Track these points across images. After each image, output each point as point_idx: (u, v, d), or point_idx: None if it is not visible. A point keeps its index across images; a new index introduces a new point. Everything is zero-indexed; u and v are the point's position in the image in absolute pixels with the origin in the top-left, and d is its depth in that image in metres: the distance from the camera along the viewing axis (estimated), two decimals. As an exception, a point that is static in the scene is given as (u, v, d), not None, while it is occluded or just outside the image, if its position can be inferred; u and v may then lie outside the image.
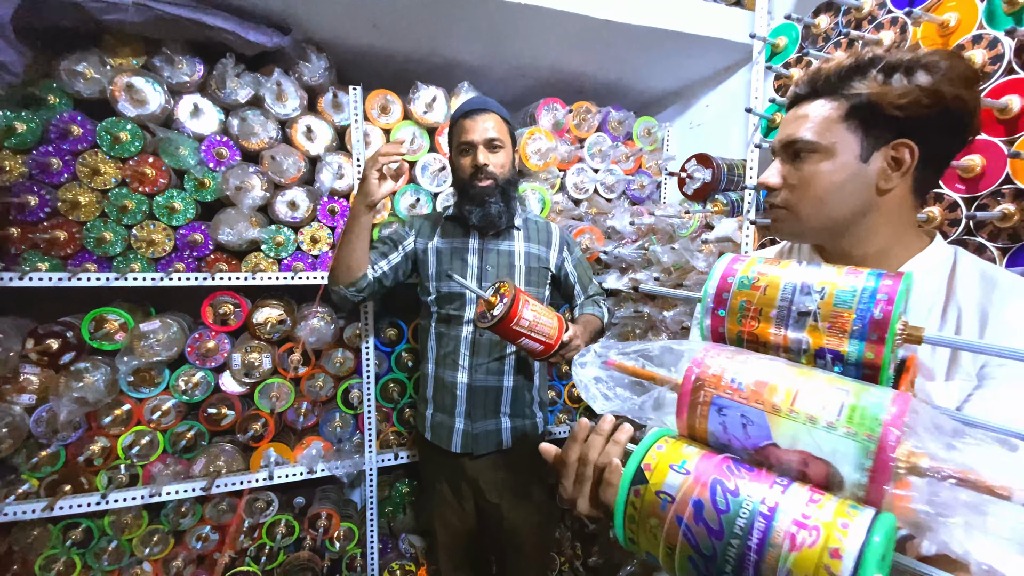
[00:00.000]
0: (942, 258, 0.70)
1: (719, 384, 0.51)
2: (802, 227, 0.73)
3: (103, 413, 1.46)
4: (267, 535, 1.70)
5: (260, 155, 1.53)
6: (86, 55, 1.36)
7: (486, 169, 1.31)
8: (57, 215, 1.37)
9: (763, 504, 0.43)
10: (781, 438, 0.47)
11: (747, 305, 0.56)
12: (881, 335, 0.48)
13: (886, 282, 0.50)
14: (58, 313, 1.47)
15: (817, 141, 0.69)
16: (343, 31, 1.56)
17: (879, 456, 0.42)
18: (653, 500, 0.49)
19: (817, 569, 0.39)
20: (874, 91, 0.65)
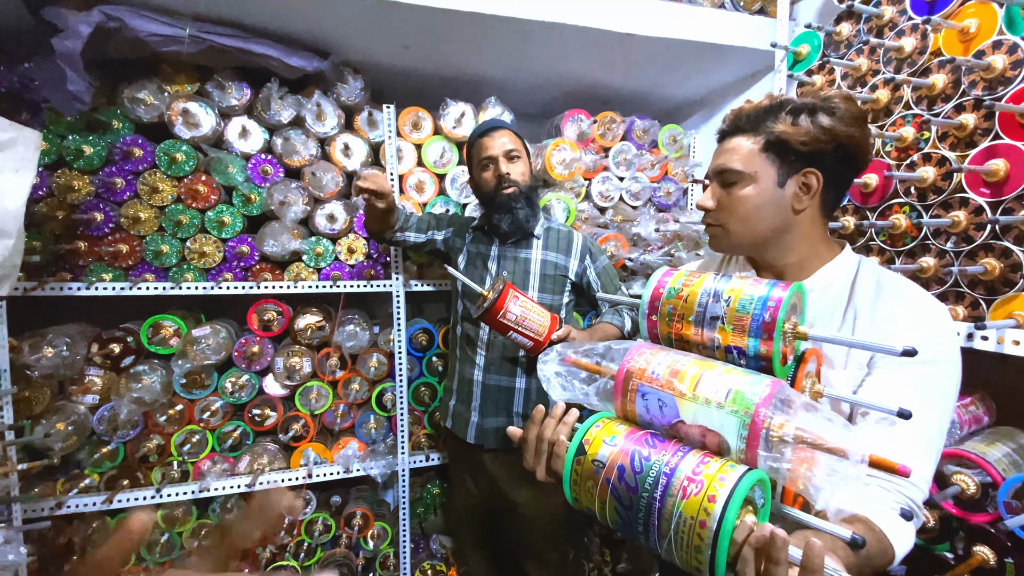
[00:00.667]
0: (847, 266, 0.82)
1: (643, 375, 0.64)
2: (733, 242, 0.85)
3: (158, 413, 1.57)
4: (305, 532, 1.78)
5: (301, 171, 1.63)
6: (146, 83, 1.48)
7: (508, 177, 1.40)
8: (120, 230, 1.49)
9: (666, 466, 0.56)
10: (686, 416, 0.60)
11: (673, 311, 0.69)
12: (770, 334, 0.61)
13: (776, 292, 0.63)
14: (119, 320, 1.60)
15: (742, 170, 0.80)
16: (377, 53, 1.65)
17: (752, 428, 0.55)
18: (590, 467, 0.61)
19: (699, 511, 0.51)
20: (783, 130, 0.77)
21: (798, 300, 0.67)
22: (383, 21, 1.44)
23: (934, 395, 0.72)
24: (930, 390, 0.72)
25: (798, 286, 0.65)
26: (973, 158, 1.00)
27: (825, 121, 0.76)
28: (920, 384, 0.72)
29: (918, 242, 1.10)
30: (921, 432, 0.71)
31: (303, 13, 1.39)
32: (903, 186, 1.12)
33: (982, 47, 1.01)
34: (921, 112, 1.11)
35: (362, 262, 1.71)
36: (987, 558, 0.99)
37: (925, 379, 0.72)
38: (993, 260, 0.98)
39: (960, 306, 1.03)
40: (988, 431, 1.10)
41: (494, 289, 1.15)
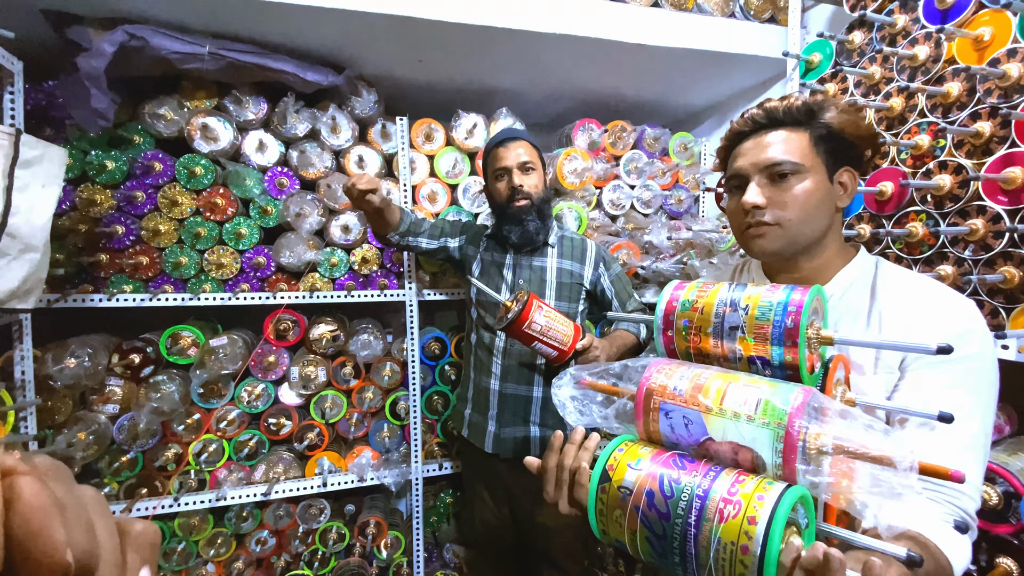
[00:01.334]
0: (865, 268, 0.81)
1: (664, 392, 0.61)
2: (789, 241, 0.79)
3: (176, 422, 1.59)
4: (320, 541, 1.79)
5: (317, 183, 1.65)
6: (166, 99, 1.52)
7: (522, 190, 1.40)
8: (140, 242, 1.52)
9: (699, 488, 0.52)
10: (715, 432, 0.56)
11: (690, 324, 0.66)
12: (794, 340, 0.58)
13: (795, 296, 0.60)
14: (139, 330, 1.63)
15: (800, 162, 0.76)
16: (391, 67, 1.68)
17: (787, 440, 0.51)
18: (616, 494, 0.58)
19: (739, 535, 0.47)
20: (841, 121, 0.76)
21: (819, 304, 0.64)
22: (397, 36, 1.46)
23: (974, 394, 0.68)
24: (969, 389, 0.68)
25: (817, 289, 0.63)
26: (990, 166, 1.00)
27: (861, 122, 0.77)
28: (958, 383, 0.68)
29: (935, 250, 1.09)
30: (965, 434, 0.67)
31: (319, 29, 1.42)
32: (919, 194, 1.12)
33: (997, 55, 1.01)
34: (936, 120, 1.11)
35: (376, 272, 1.73)
36: (1010, 569, 0.98)
37: (962, 378, 0.68)
38: (1012, 268, 0.97)
39: (979, 315, 1.02)
40: (1010, 441, 1.08)
41: (518, 300, 1.15)
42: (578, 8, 1.48)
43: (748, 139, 0.82)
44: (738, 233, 0.84)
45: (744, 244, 0.83)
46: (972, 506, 0.67)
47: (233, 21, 1.38)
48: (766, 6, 1.65)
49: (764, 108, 0.80)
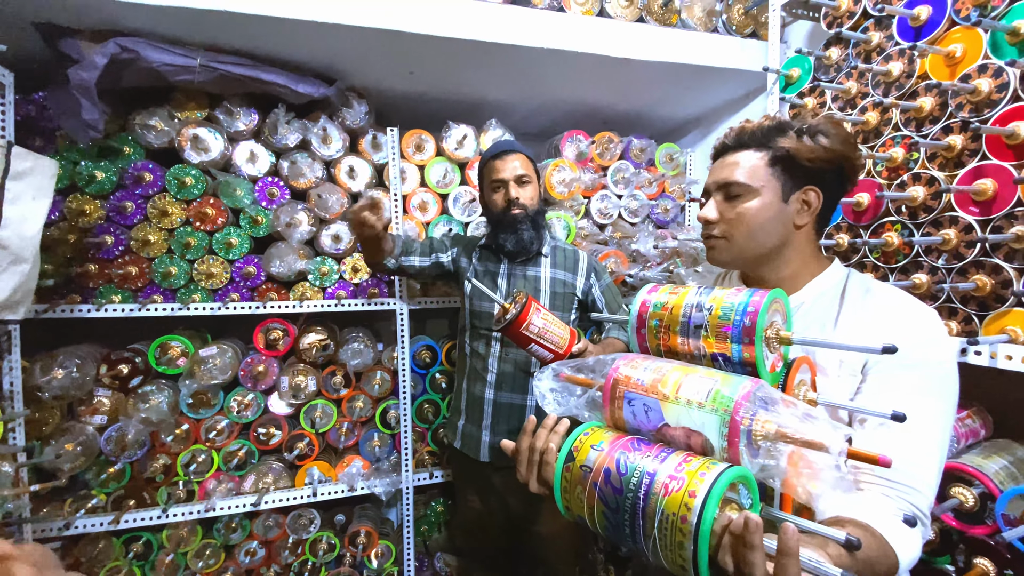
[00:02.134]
0: (837, 278, 0.85)
1: (629, 382, 0.67)
2: (735, 254, 0.86)
3: (165, 432, 1.58)
4: (310, 551, 1.78)
5: (307, 193, 1.66)
6: (157, 110, 1.53)
7: (518, 201, 1.42)
8: (129, 252, 1.52)
9: (650, 466, 0.58)
10: (671, 418, 0.62)
11: (660, 324, 0.73)
12: (751, 338, 0.64)
13: (755, 298, 0.66)
14: (128, 341, 1.62)
15: (749, 183, 0.82)
16: (382, 79, 1.70)
17: (732, 425, 0.57)
18: (578, 472, 0.63)
19: (680, 506, 0.52)
20: (792, 146, 0.80)
21: (780, 306, 0.69)
22: (388, 49, 1.49)
23: (931, 397, 0.72)
24: (926, 392, 0.72)
25: (777, 292, 0.68)
26: (961, 178, 1.03)
27: (825, 141, 0.80)
28: (914, 386, 0.72)
29: (910, 259, 1.13)
30: (919, 435, 0.71)
31: (310, 42, 1.44)
32: (894, 205, 1.15)
33: (968, 71, 1.05)
34: (910, 134, 1.14)
35: (366, 281, 1.74)
36: (987, 570, 1.00)
37: (921, 382, 0.72)
38: (984, 277, 1.00)
39: (953, 321, 1.05)
40: (985, 444, 1.11)
41: (516, 302, 1.17)
42: (565, 24, 1.52)
43: (722, 156, 0.89)
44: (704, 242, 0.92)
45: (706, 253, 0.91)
46: (924, 502, 0.70)
47: (225, 34, 1.39)
48: (748, 22, 1.69)
49: (735, 130, 0.87)
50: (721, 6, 1.69)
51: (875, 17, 1.25)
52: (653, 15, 1.64)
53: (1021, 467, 1.04)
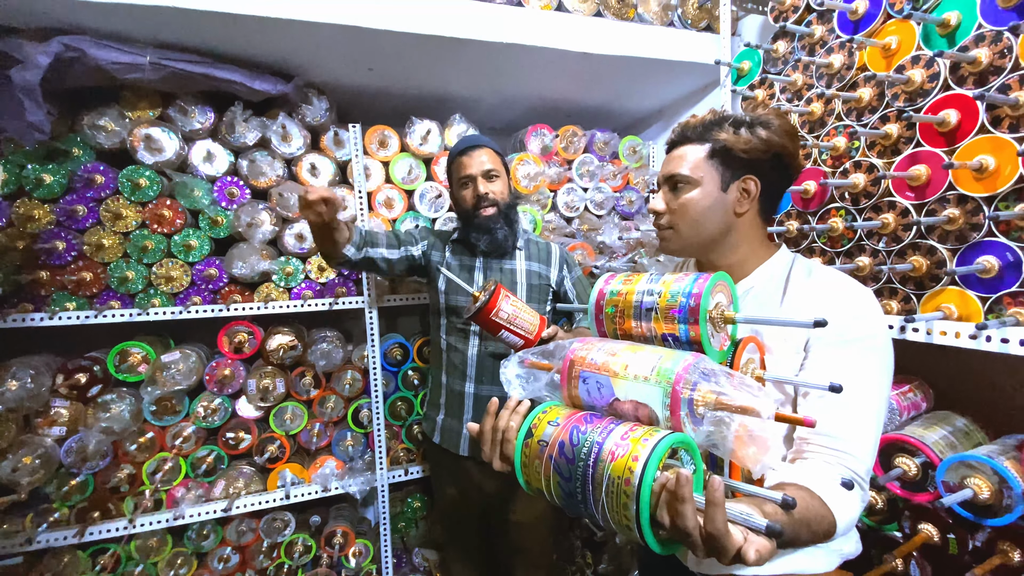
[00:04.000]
0: (783, 263, 0.91)
1: (584, 362, 0.72)
2: (683, 243, 0.92)
3: (128, 441, 1.54)
4: (285, 554, 1.77)
5: (269, 192, 1.64)
6: (107, 110, 1.48)
7: (488, 197, 1.43)
8: (83, 258, 1.48)
9: (599, 436, 0.62)
10: (620, 393, 0.67)
11: (616, 309, 0.78)
12: (696, 318, 0.69)
13: (699, 281, 0.71)
14: (85, 349, 1.58)
15: (690, 175, 0.89)
16: (341, 75, 1.68)
17: (673, 395, 0.62)
18: (536, 447, 0.68)
19: (624, 470, 0.57)
20: (726, 139, 0.86)
21: (725, 288, 0.74)
22: (346, 45, 1.47)
23: (865, 369, 0.78)
24: (861, 365, 0.78)
25: (720, 275, 0.73)
26: (898, 165, 1.09)
27: (763, 133, 0.85)
28: (850, 360, 0.78)
29: (854, 243, 1.18)
30: (856, 405, 0.76)
31: (265, 38, 1.41)
32: (838, 191, 1.21)
33: (902, 62, 1.10)
34: (851, 123, 1.20)
35: (333, 280, 1.73)
36: (931, 535, 1.07)
37: (855, 355, 0.78)
38: (920, 258, 1.06)
39: (894, 301, 1.11)
40: (926, 416, 1.18)
41: (485, 290, 1.18)
42: (524, 18, 1.53)
43: (670, 151, 0.95)
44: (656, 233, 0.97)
45: None
46: (862, 467, 0.75)
47: (176, 31, 1.36)
48: (702, 15, 1.74)
49: (680, 125, 0.94)
50: (676, 0, 1.72)
51: (817, 11, 1.30)
52: (610, 9, 1.66)
53: (959, 436, 1.11)
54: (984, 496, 0.96)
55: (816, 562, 0.84)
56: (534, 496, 0.71)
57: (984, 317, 0.97)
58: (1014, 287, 0.94)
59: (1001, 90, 0.95)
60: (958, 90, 1.01)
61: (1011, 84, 0.94)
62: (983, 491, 0.96)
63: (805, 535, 0.65)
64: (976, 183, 0.97)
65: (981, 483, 0.96)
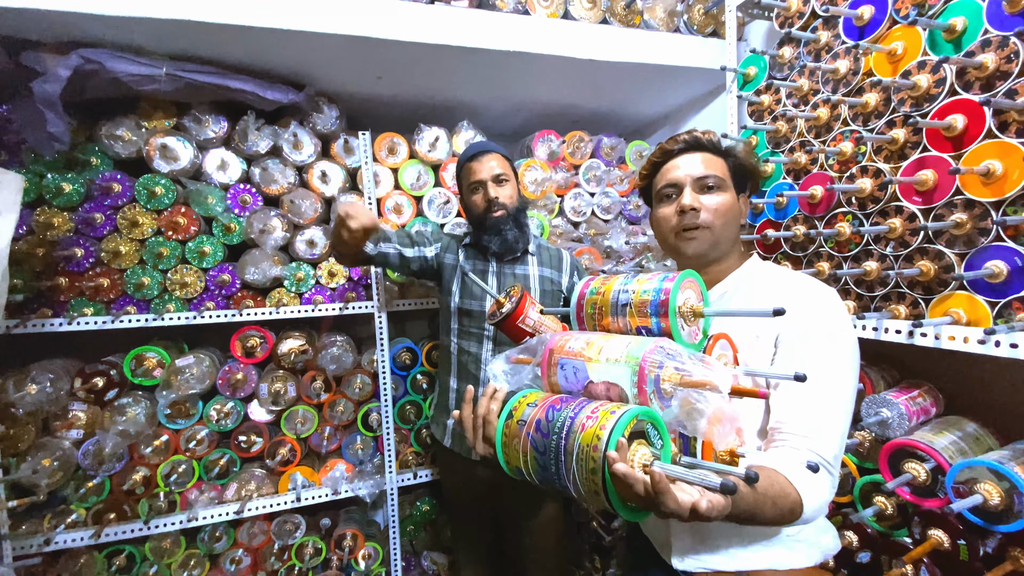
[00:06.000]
0: (753, 269, 0.97)
1: (562, 350, 0.78)
2: (713, 243, 0.94)
3: (143, 444, 1.57)
4: (296, 556, 1.79)
5: (280, 199, 1.67)
6: (123, 120, 1.52)
7: (498, 201, 1.44)
8: (100, 264, 1.51)
9: (572, 412, 0.67)
10: (594, 375, 0.73)
11: (595, 307, 0.83)
12: (666, 311, 0.74)
13: (669, 278, 0.76)
14: (102, 353, 1.61)
15: (724, 178, 0.94)
16: (351, 84, 1.71)
17: (640, 374, 0.67)
18: (515, 427, 0.73)
19: (592, 438, 0.62)
20: (743, 157, 0.97)
21: (694, 286, 0.79)
22: (356, 55, 1.50)
23: (829, 360, 0.82)
24: (826, 355, 0.82)
25: (688, 273, 0.78)
26: (904, 170, 1.09)
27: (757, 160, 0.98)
28: (815, 352, 0.82)
29: (861, 248, 1.18)
30: (822, 393, 0.81)
31: (277, 50, 1.45)
32: (845, 196, 1.21)
33: (908, 67, 1.10)
34: (858, 128, 1.20)
35: (343, 285, 1.75)
36: (942, 541, 1.06)
37: (819, 348, 0.83)
38: (928, 262, 1.06)
39: (902, 305, 1.11)
40: (936, 421, 1.17)
41: (511, 296, 1.19)
42: (531, 26, 1.55)
43: (678, 157, 0.96)
44: (671, 236, 0.97)
45: (676, 246, 0.97)
46: (828, 451, 0.79)
47: (190, 43, 1.39)
48: (708, 21, 1.74)
49: (691, 134, 0.97)
50: (682, 6, 1.73)
51: (823, 17, 1.30)
52: (616, 16, 1.68)
53: (969, 442, 1.10)
54: (994, 502, 0.95)
55: (796, 556, 0.87)
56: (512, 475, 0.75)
57: (993, 322, 0.97)
58: (1023, 292, 0.93)
59: (1008, 95, 0.95)
60: (965, 95, 1.01)
61: (1018, 89, 0.94)
62: (993, 497, 0.95)
63: (769, 509, 0.70)
64: (983, 188, 0.97)
65: (991, 489, 0.96)
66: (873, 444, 1.20)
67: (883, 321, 1.11)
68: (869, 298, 1.19)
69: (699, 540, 0.90)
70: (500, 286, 1.50)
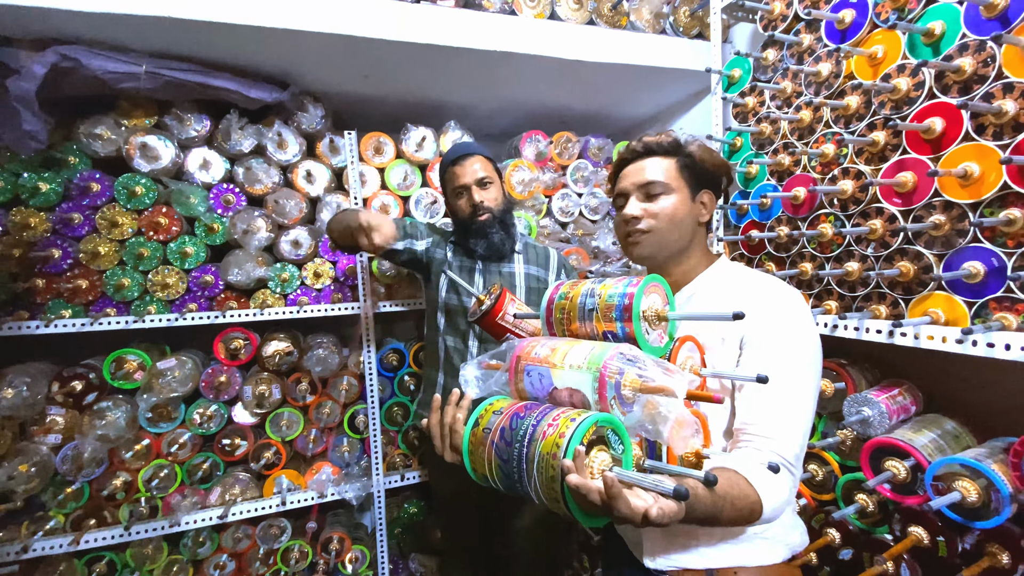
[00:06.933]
0: (721, 271, 0.99)
1: (528, 356, 0.78)
2: (657, 248, 0.96)
3: (124, 449, 1.54)
4: (282, 561, 1.77)
5: (264, 199, 1.65)
6: (103, 119, 1.49)
7: (482, 205, 1.44)
8: (79, 265, 1.48)
9: (534, 420, 0.68)
10: (558, 381, 0.73)
11: (564, 312, 0.84)
12: (629, 316, 0.74)
13: (633, 282, 0.77)
14: (81, 356, 1.58)
15: (669, 182, 0.95)
16: (337, 83, 1.69)
17: (600, 380, 0.67)
18: (481, 435, 0.73)
19: (552, 446, 0.62)
20: (699, 153, 0.97)
21: (659, 289, 0.80)
22: (341, 53, 1.49)
23: (791, 362, 0.84)
24: (787, 358, 0.84)
25: (653, 277, 0.79)
26: (885, 172, 1.10)
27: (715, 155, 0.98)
28: (777, 354, 0.84)
29: (843, 248, 1.20)
30: (783, 394, 0.82)
31: (261, 48, 1.43)
32: (827, 198, 1.22)
33: (888, 71, 1.12)
34: (839, 131, 1.21)
35: (329, 286, 1.73)
36: (922, 537, 1.07)
37: (781, 349, 0.84)
38: (907, 263, 1.07)
39: (883, 305, 1.13)
40: (916, 419, 1.19)
41: (491, 293, 1.19)
42: (517, 27, 1.55)
43: (631, 164, 1.00)
44: (622, 241, 1.01)
45: (626, 251, 1.01)
46: (789, 451, 0.81)
47: (171, 40, 1.37)
48: (694, 23, 1.76)
49: (642, 141, 0.99)
50: (668, 8, 1.75)
51: (805, 20, 1.32)
52: (603, 17, 1.68)
53: (948, 440, 1.12)
54: (972, 499, 0.96)
55: (763, 554, 0.89)
56: (480, 483, 0.75)
57: (971, 322, 0.99)
58: (999, 292, 0.95)
59: (985, 98, 0.96)
60: (943, 98, 1.03)
61: (995, 92, 0.95)
62: (971, 494, 0.97)
63: (728, 511, 0.70)
64: (961, 190, 0.99)
65: (969, 486, 0.97)
66: (855, 442, 1.22)
67: (864, 321, 1.13)
68: (851, 298, 1.20)
69: (669, 539, 0.91)
70: (486, 284, 1.50)
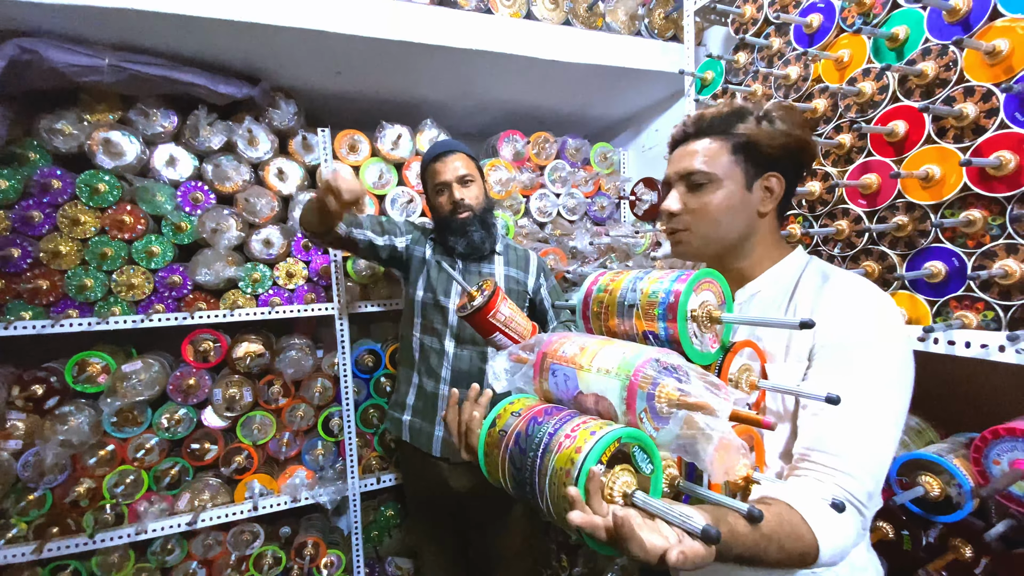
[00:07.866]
0: (796, 264, 0.85)
1: (555, 355, 0.70)
2: (699, 246, 0.85)
3: (88, 454, 1.49)
4: (254, 567, 1.73)
5: (235, 197, 1.61)
6: (64, 113, 1.44)
7: (463, 203, 1.43)
8: (39, 265, 1.43)
9: (552, 428, 0.61)
10: (583, 386, 0.65)
11: (602, 306, 0.75)
12: (674, 316, 0.65)
13: (682, 277, 0.68)
14: (42, 359, 1.52)
15: (712, 172, 0.81)
16: (309, 79, 1.67)
17: (629, 389, 0.59)
18: (496, 437, 0.67)
19: (567, 461, 0.55)
20: (752, 132, 0.80)
21: (714, 287, 0.70)
22: (312, 49, 1.46)
23: (871, 380, 0.70)
24: (867, 376, 0.70)
25: (707, 272, 0.69)
26: (850, 173, 1.12)
27: (782, 126, 0.79)
28: (854, 370, 0.70)
29: (811, 249, 1.22)
30: (859, 418, 0.68)
31: (228, 42, 1.40)
32: (796, 199, 1.24)
33: (854, 74, 1.14)
34: (808, 132, 1.23)
35: (302, 286, 1.70)
36: (886, 531, 1.10)
37: (860, 365, 0.70)
38: (872, 263, 1.10)
39: (849, 305, 1.15)
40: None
41: (483, 289, 1.17)
42: (493, 25, 1.54)
43: (679, 147, 0.87)
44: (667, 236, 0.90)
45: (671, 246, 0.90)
46: (860, 488, 0.67)
47: (136, 33, 1.33)
48: (668, 25, 1.77)
49: (693, 117, 0.85)
50: (643, 10, 1.76)
51: (775, 24, 1.33)
52: (579, 18, 1.69)
53: (912, 435, 1.14)
54: (935, 493, 0.99)
55: None
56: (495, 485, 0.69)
57: (932, 320, 1.01)
58: (960, 291, 0.97)
59: (946, 102, 0.99)
60: (906, 102, 1.05)
61: (956, 96, 0.98)
62: (934, 488, 0.99)
63: (774, 554, 0.59)
64: (923, 191, 1.01)
65: (932, 481, 1.00)
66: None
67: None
68: (819, 298, 1.22)
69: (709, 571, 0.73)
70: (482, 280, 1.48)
